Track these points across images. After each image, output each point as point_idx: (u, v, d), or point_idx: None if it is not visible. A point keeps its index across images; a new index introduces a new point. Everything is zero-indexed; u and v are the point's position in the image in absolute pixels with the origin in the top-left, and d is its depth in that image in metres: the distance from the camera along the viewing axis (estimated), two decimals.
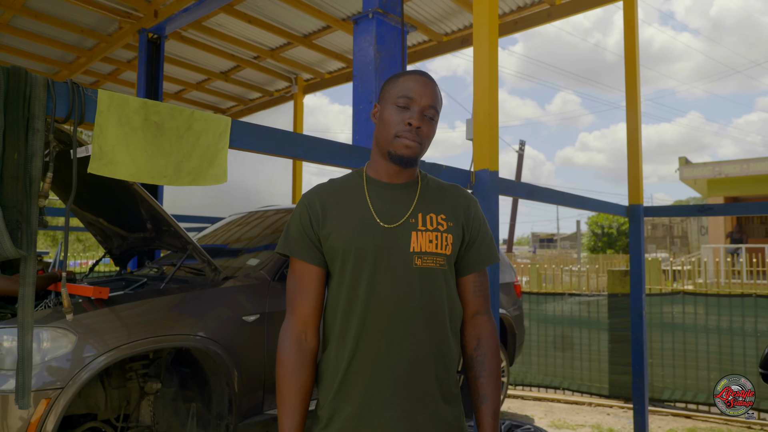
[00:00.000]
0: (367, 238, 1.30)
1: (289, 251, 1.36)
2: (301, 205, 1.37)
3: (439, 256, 1.32)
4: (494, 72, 2.74)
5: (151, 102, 1.46)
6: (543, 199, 3.37)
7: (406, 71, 1.40)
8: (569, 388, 6.12)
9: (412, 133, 1.31)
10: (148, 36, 5.07)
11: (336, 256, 1.32)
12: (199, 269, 3.21)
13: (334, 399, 1.31)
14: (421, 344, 1.30)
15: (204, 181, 1.55)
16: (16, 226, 1.23)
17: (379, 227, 1.31)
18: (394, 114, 1.33)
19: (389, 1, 2.90)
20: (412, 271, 1.30)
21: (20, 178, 1.24)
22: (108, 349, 2.44)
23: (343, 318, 1.31)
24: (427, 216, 1.34)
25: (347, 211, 1.34)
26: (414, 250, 1.30)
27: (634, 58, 4.17)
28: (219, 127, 1.59)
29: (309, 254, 1.34)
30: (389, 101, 1.35)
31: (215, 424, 2.87)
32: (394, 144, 1.32)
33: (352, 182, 1.40)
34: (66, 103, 1.34)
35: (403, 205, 1.35)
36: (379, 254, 1.29)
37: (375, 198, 1.35)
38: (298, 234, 1.35)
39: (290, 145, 1.87)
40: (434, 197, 1.39)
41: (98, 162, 1.35)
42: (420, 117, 1.32)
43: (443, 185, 1.45)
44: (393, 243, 1.30)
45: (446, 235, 1.34)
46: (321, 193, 1.38)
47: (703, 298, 5.61)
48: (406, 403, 1.28)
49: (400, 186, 1.38)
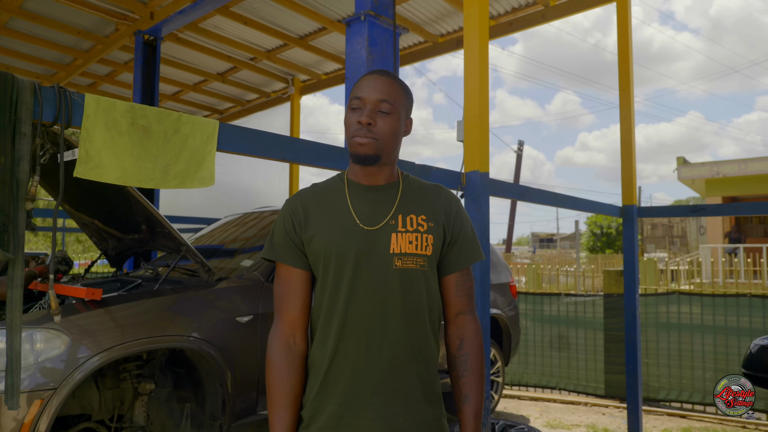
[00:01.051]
0: (348, 241, 1.31)
1: (275, 256, 1.37)
2: (285, 210, 1.39)
3: (419, 257, 1.33)
4: (485, 74, 2.76)
5: (138, 106, 1.47)
6: (535, 200, 3.38)
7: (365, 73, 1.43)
8: (565, 388, 6.14)
9: (363, 130, 1.32)
10: (144, 38, 5.09)
11: (318, 260, 1.33)
12: (193, 270, 3.22)
13: (315, 399, 1.32)
14: (401, 345, 1.31)
15: (191, 184, 1.56)
16: (3, 229, 1.25)
17: (359, 230, 1.32)
18: (349, 116, 1.36)
19: (381, 3, 2.92)
20: (392, 273, 1.31)
21: (7, 182, 1.26)
22: (102, 350, 2.45)
23: (325, 320, 1.32)
24: (408, 217, 1.35)
25: (329, 214, 1.35)
26: (394, 252, 1.32)
27: (628, 60, 4.18)
28: (206, 131, 1.61)
29: (294, 258, 1.35)
30: (348, 105, 1.39)
31: (209, 425, 2.88)
32: (352, 145, 1.34)
33: (333, 186, 1.41)
34: (53, 107, 1.36)
35: (384, 207, 1.36)
36: (360, 257, 1.31)
37: (356, 200, 1.36)
38: (282, 239, 1.36)
39: (278, 148, 1.88)
40: (415, 198, 1.40)
41: (84, 165, 1.37)
42: (370, 113, 1.33)
43: (425, 185, 1.46)
44: (373, 245, 1.32)
45: (426, 236, 1.35)
46: (303, 197, 1.40)
47: (699, 298, 5.62)
48: (386, 404, 1.29)
49: (381, 188, 1.39)
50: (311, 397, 1.33)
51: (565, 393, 6.12)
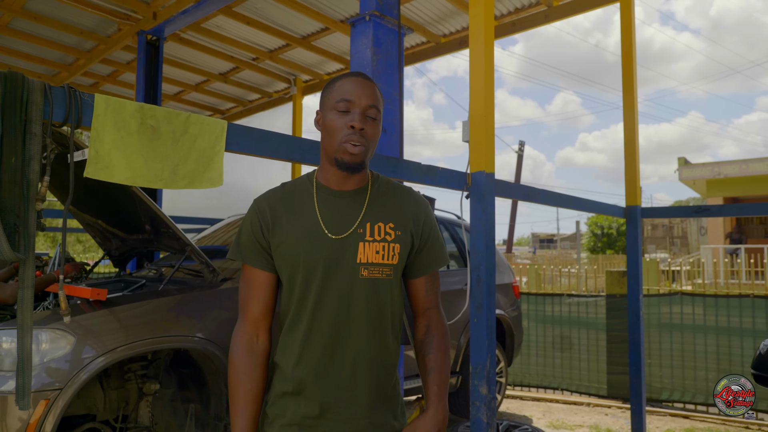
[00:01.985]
0: (316, 250, 1.30)
1: (240, 257, 1.36)
2: (252, 211, 1.37)
3: (386, 267, 1.33)
4: (490, 74, 2.76)
5: (148, 106, 1.47)
6: (540, 200, 3.38)
7: (341, 75, 1.38)
8: (568, 388, 6.14)
9: (357, 135, 1.29)
10: (147, 38, 5.08)
11: (285, 266, 1.33)
12: (198, 271, 3.22)
13: (281, 398, 1.33)
14: (363, 352, 1.32)
15: (200, 184, 1.56)
16: (13, 230, 1.25)
17: (327, 238, 1.31)
18: (336, 119, 1.31)
19: (386, 3, 2.91)
20: (359, 282, 1.31)
21: (18, 182, 1.26)
22: (106, 350, 2.45)
23: (291, 325, 1.33)
24: (375, 225, 1.34)
25: (296, 220, 1.34)
26: (361, 261, 1.31)
27: (631, 60, 4.18)
28: (215, 131, 1.61)
29: (260, 260, 1.34)
30: (329, 107, 1.33)
31: (213, 425, 2.88)
32: (339, 150, 1.30)
33: (302, 189, 1.39)
34: (63, 107, 1.36)
35: (351, 215, 1.34)
36: (328, 266, 1.30)
37: (323, 207, 1.34)
38: (249, 240, 1.35)
39: (286, 148, 1.88)
40: (383, 204, 1.38)
41: (94, 166, 1.37)
42: (362, 118, 1.30)
43: (395, 188, 1.44)
44: (341, 254, 1.30)
45: (394, 245, 1.34)
46: (271, 199, 1.38)
47: (701, 298, 5.62)
48: (349, 407, 1.31)
49: (350, 193, 1.36)
50: (277, 396, 1.34)
51: (567, 393, 6.12)
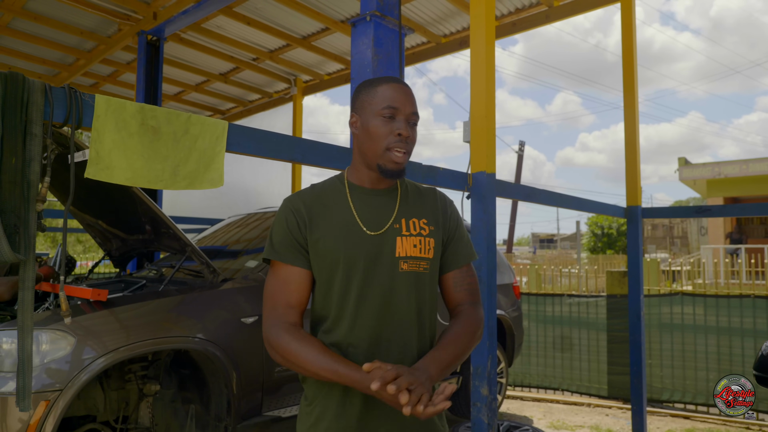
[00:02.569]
0: (356, 246, 1.31)
1: (276, 256, 1.34)
2: (286, 209, 1.37)
3: (423, 260, 1.35)
4: (491, 75, 2.76)
5: (148, 106, 1.47)
6: (541, 200, 3.38)
7: (380, 78, 1.39)
8: (568, 389, 6.13)
9: (403, 143, 1.33)
10: (147, 38, 5.08)
11: (324, 263, 1.33)
12: (198, 271, 3.22)
13: (325, 398, 1.32)
14: (408, 346, 1.33)
15: (201, 185, 1.56)
16: (14, 231, 1.25)
17: (365, 234, 1.33)
18: (381, 125, 1.33)
19: (387, 3, 2.91)
20: (399, 276, 1.32)
21: (18, 183, 1.25)
22: (107, 351, 2.45)
23: (331, 325, 1.33)
24: (410, 221, 1.37)
25: (333, 218, 1.34)
26: (399, 255, 1.33)
27: (632, 60, 4.18)
28: (216, 131, 1.60)
29: (296, 258, 1.33)
30: (372, 112, 1.34)
31: (214, 426, 2.88)
32: (384, 157, 1.33)
33: (334, 188, 1.41)
34: (63, 108, 1.35)
35: (387, 211, 1.37)
36: (368, 261, 1.31)
37: (358, 205, 1.36)
38: (285, 238, 1.34)
39: (287, 148, 1.88)
40: (414, 202, 1.42)
41: (95, 167, 1.36)
42: (407, 126, 1.34)
43: (421, 189, 1.48)
44: (379, 249, 1.32)
45: (429, 240, 1.37)
46: (305, 198, 1.38)
47: (702, 298, 5.61)
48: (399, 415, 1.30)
49: (383, 192, 1.40)
50: (321, 395, 1.33)
51: (567, 394, 6.11)
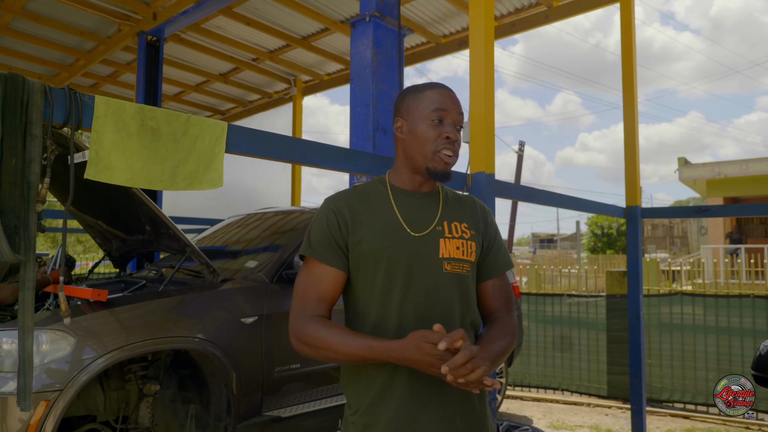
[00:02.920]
0: (399, 247, 1.33)
1: (313, 254, 1.34)
2: (328, 209, 1.37)
3: (465, 263, 1.37)
4: (490, 75, 2.76)
5: (148, 107, 1.48)
6: (540, 201, 3.38)
7: (426, 84, 1.43)
8: (568, 388, 6.13)
9: (452, 146, 1.36)
10: (147, 38, 5.09)
11: (365, 263, 1.33)
12: (198, 271, 3.22)
13: (371, 405, 1.31)
14: None
15: (200, 185, 1.56)
16: (14, 232, 1.25)
17: (409, 235, 1.35)
18: (430, 129, 1.36)
19: (386, 4, 2.92)
20: (443, 276, 1.34)
21: (18, 184, 1.26)
22: (107, 351, 2.45)
23: (377, 323, 1.32)
24: (452, 224, 1.39)
25: (376, 219, 1.36)
26: (443, 256, 1.35)
27: (631, 60, 4.18)
28: (215, 132, 1.61)
29: (332, 258, 1.34)
30: (419, 117, 1.37)
31: (214, 426, 2.88)
32: (434, 160, 1.36)
33: (376, 191, 1.42)
34: (63, 109, 1.36)
35: (430, 214, 1.39)
36: (412, 262, 1.33)
37: (402, 207, 1.39)
38: (324, 238, 1.35)
39: (286, 149, 1.88)
40: (455, 207, 1.44)
41: (95, 167, 1.37)
42: (454, 129, 1.37)
43: (459, 196, 1.51)
44: (423, 250, 1.34)
45: (470, 243, 1.39)
46: (348, 199, 1.39)
47: (702, 298, 5.61)
48: (443, 406, 1.31)
49: (425, 195, 1.42)
50: (367, 402, 1.32)
51: (567, 394, 6.12)
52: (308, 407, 3.10)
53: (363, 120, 2.89)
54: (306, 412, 3.07)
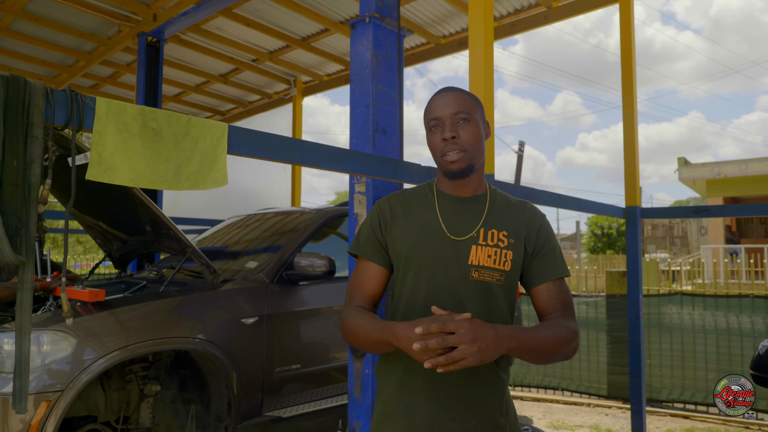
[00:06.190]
0: (430, 248, 1.37)
1: (358, 251, 1.47)
2: (375, 209, 1.49)
3: (496, 272, 1.37)
4: (490, 76, 2.77)
5: (149, 109, 1.48)
6: (540, 201, 3.38)
7: (435, 93, 1.48)
8: (568, 388, 6.14)
9: (451, 145, 1.38)
10: (147, 39, 5.09)
11: (398, 261, 1.41)
12: (198, 272, 3.23)
13: (391, 395, 1.38)
14: None
15: (204, 185, 1.57)
16: (15, 233, 1.25)
17: (445, 238, 1.38)
18: (433, 138, 1.43)
19: (386, 5, 2.92)
20: (470, 283, 1.36)
21: (19, 185, 1.26)
22: (108, 352, 2.46)
23: (402, 320, 1.35)
24: (489, 231, 1.40)
25: (415, 219, 1.42)
26: (472, 263, 1.36)
27: (631, 61, 4.18)
28: (216, 133, 1.61)
29: (374, 254, 1.44)
30: (426, 128, 1.45)
31: (214, 426, 2.89)
32: (443, 164, 1.41)
33: (422, 194, 1.49)
34: (64, 111, 1.36)
35: (471, 219, 1.41)
36: (439, 264, 1.36)
37: (444, 211, 1.43)
38: (368, 236, 1.46)
39: (286, 150, 1.88)
40: (500, 214, 1.44)
41: (97, 168, 1.37)
42: (452, 127, 1.39)
43: (511, 201, 1.49)
44: (454, 254, 1.37)
45: (506, 252, 1.39)
46: (393, 200, 1.49)
47: (701, 298, 5.62)
48: (458, 406, 1.33)
49: (468, 200, 1.44)
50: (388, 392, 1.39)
51: (567, 394, 6.12)
52: (309, 407, 3.11)
53: (363, 121, 2.89)
54: (306, 412, 3.08)
